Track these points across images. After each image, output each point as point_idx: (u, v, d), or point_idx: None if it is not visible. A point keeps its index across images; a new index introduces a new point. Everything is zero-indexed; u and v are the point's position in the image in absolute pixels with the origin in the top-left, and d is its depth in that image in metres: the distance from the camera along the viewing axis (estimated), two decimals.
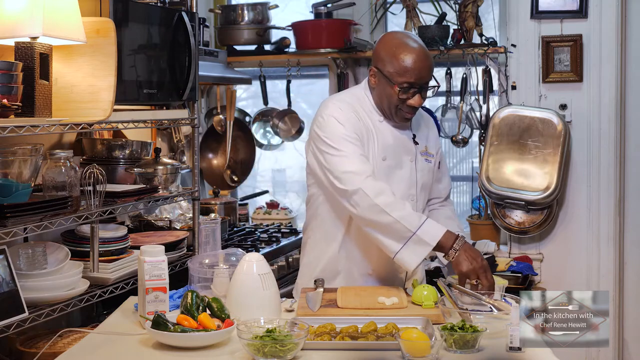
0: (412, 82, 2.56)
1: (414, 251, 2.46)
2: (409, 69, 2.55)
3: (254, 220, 4.50)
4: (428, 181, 2.77)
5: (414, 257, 2.47)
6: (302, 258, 2.89)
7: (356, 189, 2.49)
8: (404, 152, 2.70)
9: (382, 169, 2.65)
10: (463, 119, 4.09)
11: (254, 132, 4.66)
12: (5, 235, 2.20)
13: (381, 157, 2.65)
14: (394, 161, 2.68)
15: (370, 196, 2.48)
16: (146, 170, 3.02)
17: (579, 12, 3.87)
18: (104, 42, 2.50)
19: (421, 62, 2.56)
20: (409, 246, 2.46)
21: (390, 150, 2.67)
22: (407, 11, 4.12)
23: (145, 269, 2.28)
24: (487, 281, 2.42)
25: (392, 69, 2.58)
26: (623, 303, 3.99)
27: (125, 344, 2.19)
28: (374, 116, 2.68)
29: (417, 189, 2.72)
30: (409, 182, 2.70)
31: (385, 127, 2.68)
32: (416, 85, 2.57)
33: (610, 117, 3.88)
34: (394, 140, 2.68)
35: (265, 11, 4.41)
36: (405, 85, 2.56)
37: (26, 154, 2.35)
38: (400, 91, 2.57)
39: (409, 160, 2.71)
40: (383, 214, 2.47)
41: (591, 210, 3.93)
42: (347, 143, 2.57)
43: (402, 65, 2.56)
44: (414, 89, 2.57)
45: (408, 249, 2.46)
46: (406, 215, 2.47)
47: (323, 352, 2.06)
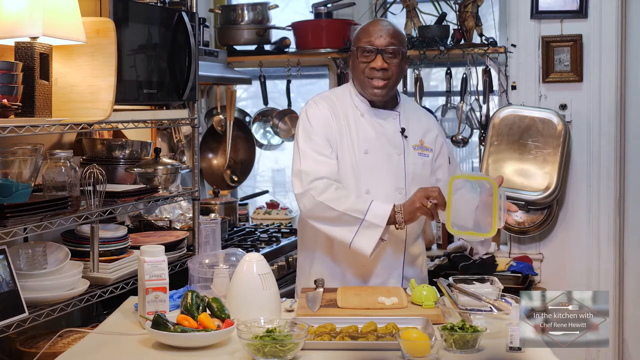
0: (370, 41, 2.68)
1: (367, 236, 2.54)
2: (368, 32, 2.71)
3: (254, 220, 4.50)
4: (422, 175, 2.77)
5: (368, 242, 2.55)
6: (297, 259, 2.92)
7: (303, 192, 2.61)
8: (390, 145, 2.73)
9: (364, 162, 2.69)
10: (463, 119, 4.09)
11: (254, 132, 4.66)
12: (5, 235, 2.19)
13: (363, 150, 2.70)
14: (378, 154, 2.71)
15: (314, 196, 2.58)
16: (146, 170, 3.02)
17: (579, 12, 3.87)
18: (104, 42, 2.50)
19: (378, 27, 2.71)
20: (361, 233, 2.55)
21: (373, 144, 2.71)
22: (407, 11, 4.12)
23: (145, 269, 2.28)
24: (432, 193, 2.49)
25: (357, 38, 2.74)
26: (623, 303, 3.99)
27: (125, 344, 2.19)
28: (354, 111, 2.75)
29: (406, 182, 2.72)
30: (395, 176, 2.72)
31: (367, 121, 2.74)
32: (375, 44, 2.67)
33: (610, 117, 3.88)
34: (377, 134, 2.72)
35: (265, 11, 4.41)
36: (365, 47, 2.68)
37: (26, 154, 2.35)
38: (360, 53, 2.69)
39: (396, 153, 2.73)
40: (329, 210, 2.57)
41: (591, 210, 3.93)
42: (308, 140, 2.67)
43: (363, 32, 2.73)
44: (374, 50, 2.67)
45: (361, 235, 2.55)
46: (351, 205, 2.55)
47: (323, 352, 2.06)
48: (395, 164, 2.73)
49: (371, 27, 2.71)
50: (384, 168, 2.71)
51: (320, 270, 2.75)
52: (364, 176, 2.69)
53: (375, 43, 2.67)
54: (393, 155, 2.73)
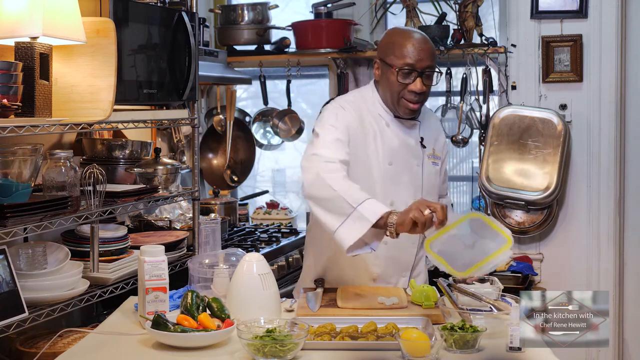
0: (412, 63, 2.55)
1: (353, 227, 2.30)
2: (408, 52, 2.56)
3: (254, 220, 4.50)
4: (434, 184, 2.75)
5: (352, 233, 2.30)
6: (304, 260, 2.88)
7: (310, 166, 2.43)
8: (411, 156, 2.68)
9: (388, 174, 2.63)
10: (463, 119, 4.09)
11: (254, 132, 4.66)
12: (5, 235, 2.19)
13: (387, 162, 2.63)
14: (401, 166, 2.65)
15: (319, 171, 2.40)
16: (146, 170, 3.02)
17: (579, 12, 3.87)
18: (104, 42, 2.50)
19: (420, 45, 2.57)
20: (348, 222, 2.30)
21: (396, 155, 2.65)
22: (407, 11, 4.12)
23: (145, 269, 2.29)
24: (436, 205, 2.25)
25: (393, 54, 2.59)
26: (623, 303, 3.99)
27: (125, 344, 2.19)
28: (380, 120, 2.65)
29: (423, 193, 2.69)
30: (414, 187, 2.68)
31: (392, 131, 2.66)
32: (416, 68, 2.56)
33: (610, 117, 3.88)
34: (401, 144, 2.66)
35: (265, 11, 4.41)
36: (405, 68, 2.56)
37: (26, 154, 2.35)
38: (400, 75, 2.56)
39: (415, 164, 2.69)
40: (326, 187, 2.36)
41: (591, 210, 3.93)
42: (330, 131, 2.52)
43: (402, 49, 2.57)
44: (414, 72, 2.56)
45: (347, 225, 2.31)
46: (350, 190, 2.35)
47: (323, 352, 2.06)
48: (415, 175, 2.69)
49: (410, 45, 2.57)
50: (405, 179, 2.66)
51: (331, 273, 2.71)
52: (389, 187, 2.63)
53: (416, 66, 2.56)
54: (413, 166, 2.69)
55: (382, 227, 2.29)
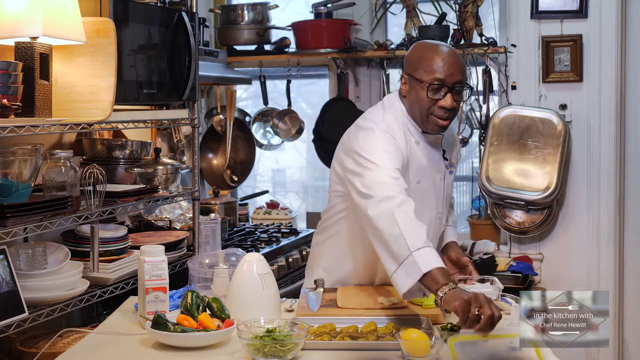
0: (442, 78, 2.47)
1: (408, 273, 2.18)
2: (438, 67, 2.48)
3: (254, 220, 4.50)
4: (450, 193, 2.74)
5: (407, 280, 2.18)
6: (311, 265, 2.79)
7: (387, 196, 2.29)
8: (436, 171, 2.64)
9: (416, 191, 2.54)
10: (463, 119, 4.09)
11: (254, 132, 4.66)
12: (5, 235, 2.19)
13: (416, 180, 2.56)
14: (427, 183, 2.60)
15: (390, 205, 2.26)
16: (146, 170, 3.02)
17: (579, 12, 3.87)
18: (104, 42, 2.50)
19: (450, 60, 2.49)
20: (404, 267, 2.19)
21: (424, 172, 2.59)
22: (407, 11, 4.12)
23: (145, 269, 2.29)
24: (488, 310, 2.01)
25: (422, 69, 2.50)
26: (623, 303, 3.99)
27: (125, 344, 2.19)
28: (410, 138, 2.56)
29: (444, 205, 2.68)
30: (437, 202, 2.65)
31: (421, 149, 2.58)
32: (446, 83, 2.48)
33: (610, 117, 3.88)
34: (428, 161, 2.60)
35: (265, 11, 4.41)
36: (435, 83, 2.48)
37: (26, 154, 2.35)
38: (430, 90, 2.48)
39: (439, 178, 2.65)
40: (394, 226, 2.22)
41: (591, 210, 3.93)
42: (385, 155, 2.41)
43: (431, 64, 2.49)
44: (444, 87, 2.48)
45: (403, 269, 2.19)
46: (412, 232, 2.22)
47: (323, 352, 2.06)
48: (438, 189, 2.64)
49: (440, 60, 2.48)
50: (430, 195, 2.61)
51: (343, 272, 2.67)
52: (417, 206, 2.39)
53: (446, 81, 2.46)
54: (437, 181, 2.64)
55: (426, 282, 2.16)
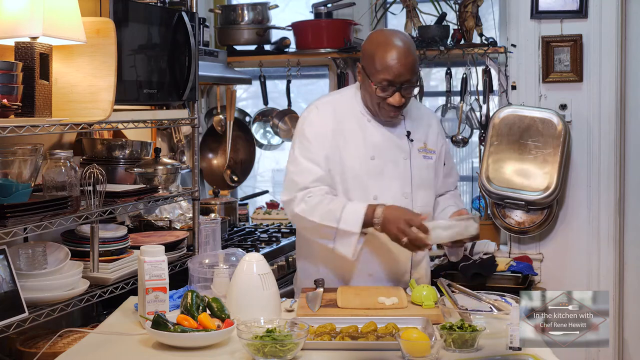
0: (390, 79, 2.54)
1: (345, 243, 2.54)
2: (387, 67, 2.54)
3: (254, 220, 4.50)
4: (426, 178, 2.74)
5: (348, 248, 2.55)
6: (298, 263, 2.89)
7: (287, 200, 2.63)
8: (397, 150, 2.69)
9: (371, 168, 2.65)
10: (463, 119, 4.09)
11: (254, 132, 4.66)
12: (5, 235, 2.19)
13: (369, 156, 2.65)
14: (385, 160, 2.66)
15: (293, 208, 2.60)
16: (146, 170, 3.02)
17: (579, 12, 3.87)
18: (104, 42, 2.50)
19: (400, 60, 2.54)
20: (337, 241, 2.55)
21: (379, 149, 2.66)
22: (407, 11, 4.12)
23: (145, 269, 2.29)
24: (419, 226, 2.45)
25: (372, 67, 2.57)
26: (623, 303, 3.99)
27: (125, 344, 2.19)
28: (361, 117, 2.68)
29: (412, 186, 2.70)
30: (402, 181, 2.69)
31: (374, 126, 2.68)
32: (394, 83, 2.55)
33: (610, 117, 3.88)
34: (384, 138, 2.67)
35: (265, 11, 4.41)
36: (383, 83, 2.55)
37: (26, 154, 2.35)
38: (378, 89, 2.56)
39: (402, 158, 2.69)
40: (305, 221, 2.59)
41: (591, 210, 3.93)
42: (301, 146, 2.66)
43: (380, 63, 2.55)
44: (392, 87, 2.55)
45: (338, 243, 2.55)
46: (324, 214, 2.54)
47: (323, 352, 2.06)
48: (402, 169, 2.69)
49: (390, 60, 2.54)
50: (390, 173, 2.67)
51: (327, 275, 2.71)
52: (372, 182, 2.65)
53: (395, 81, 2.54)
54: (399, 160, 2.69)
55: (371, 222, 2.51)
